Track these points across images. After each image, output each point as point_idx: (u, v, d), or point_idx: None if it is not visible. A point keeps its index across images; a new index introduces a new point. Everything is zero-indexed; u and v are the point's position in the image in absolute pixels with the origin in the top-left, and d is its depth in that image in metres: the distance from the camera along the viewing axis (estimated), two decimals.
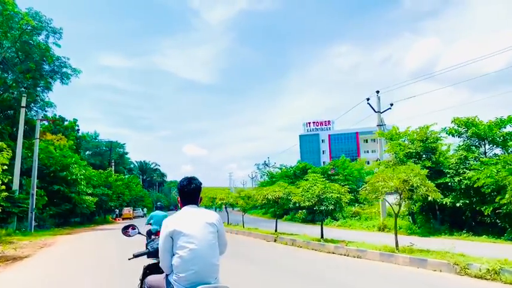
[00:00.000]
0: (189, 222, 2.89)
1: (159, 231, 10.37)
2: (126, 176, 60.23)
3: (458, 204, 16.04)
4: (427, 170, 12.58)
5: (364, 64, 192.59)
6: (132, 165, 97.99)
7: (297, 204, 16.54)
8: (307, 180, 15.97)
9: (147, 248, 3.68)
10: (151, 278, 3.31)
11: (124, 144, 77.09)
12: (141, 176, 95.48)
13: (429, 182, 10.11)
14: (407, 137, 18.86)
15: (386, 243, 10.88)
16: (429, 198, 9.85)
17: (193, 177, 3.19)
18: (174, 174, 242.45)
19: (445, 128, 17.74)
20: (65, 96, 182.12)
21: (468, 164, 16.87)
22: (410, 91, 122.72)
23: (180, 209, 3.09)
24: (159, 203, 13.85)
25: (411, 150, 17.85)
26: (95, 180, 37.32)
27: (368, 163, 38.57)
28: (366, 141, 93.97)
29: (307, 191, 14.02)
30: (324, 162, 76.70)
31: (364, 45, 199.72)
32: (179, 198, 3.14)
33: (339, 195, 13.30)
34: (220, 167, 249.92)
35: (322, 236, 13.70)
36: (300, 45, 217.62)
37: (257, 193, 17.24)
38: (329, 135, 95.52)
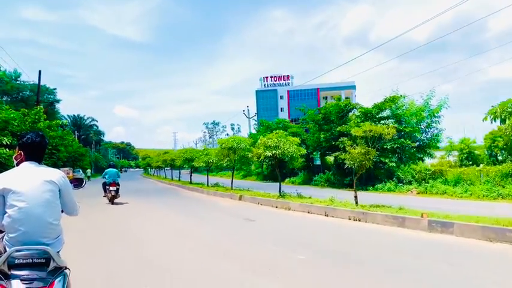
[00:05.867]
0: (22, 180, 2.63)
1: (112, 183, 15.09)
2: (61, 122, 46.87)
3: None
4: None
5: (299, 29, 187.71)
6: (64, 120, 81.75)
7: None
8: None
9: None
10: None
11: (55, 89, 60.34)
12: (76, 133, 79.95)
13: None
14: None
15: None
16: None
17: (42, 133, 2.97)
18: (107, 136, 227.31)
19: None
20: None
21: None
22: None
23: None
24: (111, 162, 15.79)
25: None
26: (16, 125, 25.08)
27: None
28: (325, 98, 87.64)
29: None
30: None
31: (299, 11, 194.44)
32: (22, 153, 2.83)
33: None
34: (154, 129, 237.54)
35: None
36: (235, 9, 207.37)
37: None
38: (288, 91, 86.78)
